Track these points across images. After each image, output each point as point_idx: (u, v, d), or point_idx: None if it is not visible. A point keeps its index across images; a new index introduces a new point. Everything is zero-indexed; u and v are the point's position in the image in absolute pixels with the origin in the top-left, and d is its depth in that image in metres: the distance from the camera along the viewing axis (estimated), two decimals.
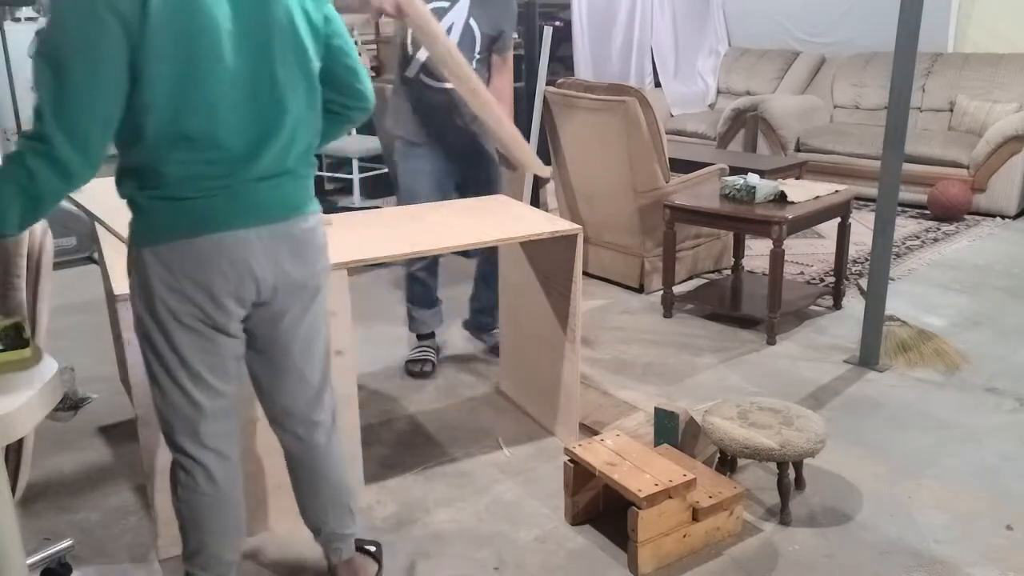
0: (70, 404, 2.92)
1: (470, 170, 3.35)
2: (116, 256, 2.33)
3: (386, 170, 5.91)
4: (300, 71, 1.67)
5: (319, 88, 1.74)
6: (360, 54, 1.96)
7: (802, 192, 3.85)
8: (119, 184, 1.63)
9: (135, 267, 1.65)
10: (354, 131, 6.11)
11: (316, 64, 1.71)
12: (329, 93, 1.81)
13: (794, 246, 4.93)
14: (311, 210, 1.77)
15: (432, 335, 3.52)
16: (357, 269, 4.48)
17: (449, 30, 3.11)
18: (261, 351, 1.81)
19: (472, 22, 3.16)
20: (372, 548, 2.20)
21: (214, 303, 1.65)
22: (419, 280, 3.38)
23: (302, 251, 1.74)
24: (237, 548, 1.91)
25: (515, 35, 3.39)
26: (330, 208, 3.71)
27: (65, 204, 4.45)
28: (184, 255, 1.62)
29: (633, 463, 2.33)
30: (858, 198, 5.66)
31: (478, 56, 3.21)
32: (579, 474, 2.39)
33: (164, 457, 2.19)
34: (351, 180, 6.01)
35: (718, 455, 2.63)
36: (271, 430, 1.95)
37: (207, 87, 1.54)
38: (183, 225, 1.61)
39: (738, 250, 4.38)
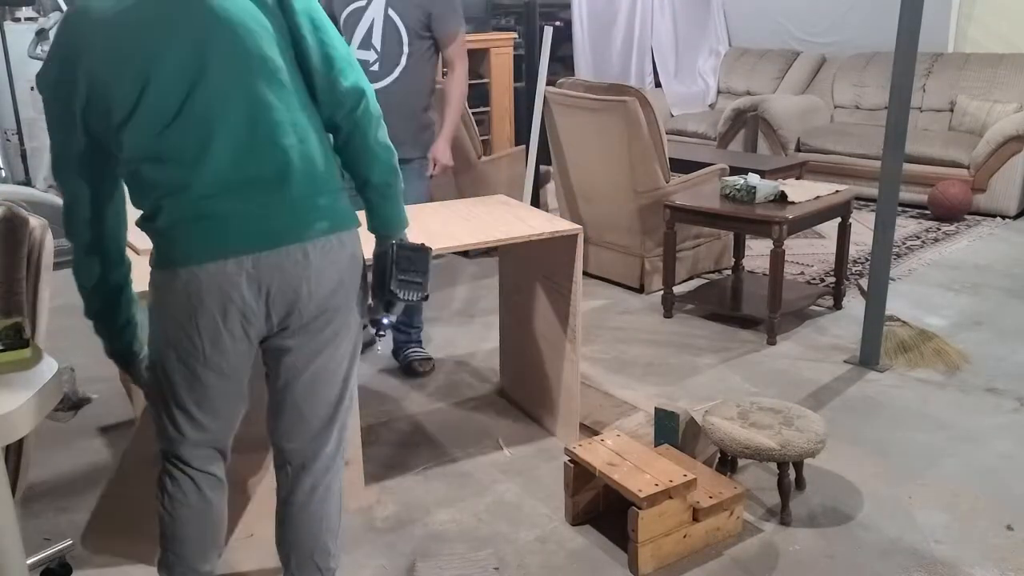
0: (70, 404, 2.91)
1: None
2: None
3: None
4: (249, 71, 1.54)
5: (293, 90, 1.58)
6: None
7: (802, 192, 3.85)
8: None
9: (150, 286, 1.65)
10: None
11: (281, 61, 1.57)
12: (320, 101, 1.63)
13: (794, 246, 4.93)
14: (311, 237, 1.59)
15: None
16: None
17: (370, 28, 2.98)
18: (268, 380, 1.74)
19: (392, 13, 2.98)
20: None
21: (207, 338, 1.59)
22: None
23: (296, 286, 1.59)
24: (214, 559, 1.86)
25: (459, 20, 3.10)
26: None
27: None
28: (173, 286, 1.57)
29: (633, 463, 2.32)
30: (858, 198, 5.66)
31: (408, 51, 3.02)
32: (579, 474, 2.39)
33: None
34: None
35: (718, 455, 2.62)
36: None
37: (122, 98, 1.50)
38: (166, 256, 1.58)
39: (738, 250, 4.38)
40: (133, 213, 1.66)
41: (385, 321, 1.76)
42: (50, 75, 1.55)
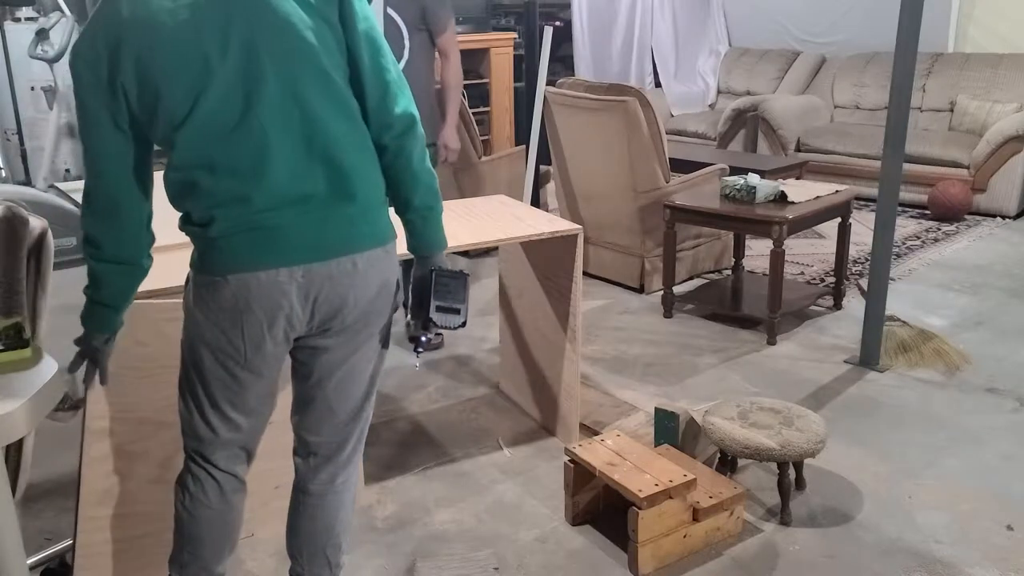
0: (70, 404, 2.91)
1: None
2: None
3: None
4: (308, 85, 1.53)
5: (348, 106, 1.58)
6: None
7: (802, 192, 3.85)
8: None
9: (186, 287, 1.66)
10: None
11: (337, 77, 1.56)
12: (369, 121, 1.63)
13: (794, 246, 4.93)
14: (362, 248, 1.62)
15: None
16: None
17: None
18: (299, 376, 1.75)
19: (391, 11, 3.12)
20: None
21: (250, 343, 1.60)
22: None
23: (344, 294, 1.61)
24: (227, 561, 1.86)
25: (449, 11, 3.27)
26: None
27: (66, 204, 4.45)
28: (220, 292, 1.57)
29: (633, 463, 2.32)
30: (858, 198, 5.67)
31: (409, 44, 3.15)
32: (579, 474, 2.39)
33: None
34: None
35: (718, 455, 2.63)
36: (274, 431, 1.93)
37: (173, 104, 1.48)
38: (214, 262, 1.57)
39: (738, 250, 4.38)
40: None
41: (423, 339, 1.79)
42: (87, 49, 1.48)
